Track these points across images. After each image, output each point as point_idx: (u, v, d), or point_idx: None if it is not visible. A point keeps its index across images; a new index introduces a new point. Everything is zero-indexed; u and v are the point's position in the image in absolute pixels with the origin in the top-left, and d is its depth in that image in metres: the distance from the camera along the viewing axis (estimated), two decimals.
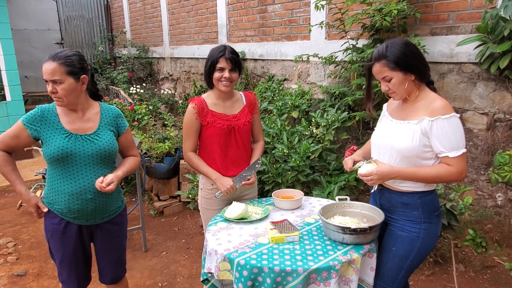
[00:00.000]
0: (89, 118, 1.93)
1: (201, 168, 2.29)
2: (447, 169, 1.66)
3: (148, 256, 3.44)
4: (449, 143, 1.64)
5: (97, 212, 1.96)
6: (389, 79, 1.70)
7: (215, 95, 2.30)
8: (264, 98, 4.50)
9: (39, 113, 1.86)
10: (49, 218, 1.94)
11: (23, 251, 3.55)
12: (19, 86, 5.98)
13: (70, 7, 9.58)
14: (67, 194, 1.87)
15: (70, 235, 1.94)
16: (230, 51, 2.20)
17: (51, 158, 1.84)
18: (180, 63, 7.35)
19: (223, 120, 2.26)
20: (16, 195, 4.89)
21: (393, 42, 1.70)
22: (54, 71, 1.78)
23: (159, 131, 5.05)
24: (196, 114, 2.24)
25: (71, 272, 2.00)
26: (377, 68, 1.72)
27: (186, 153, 2.33)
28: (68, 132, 1.86)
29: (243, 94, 2.40)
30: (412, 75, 1.70)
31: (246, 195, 2.44)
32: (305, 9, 4.47)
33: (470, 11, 3.06)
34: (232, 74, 2.20)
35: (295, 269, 1.60)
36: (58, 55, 1.79)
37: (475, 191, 3.25)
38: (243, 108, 2.34)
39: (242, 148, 2.33)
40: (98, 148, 1.89)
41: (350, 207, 2.02)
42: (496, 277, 2.88)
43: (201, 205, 2.43)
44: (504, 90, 2.98)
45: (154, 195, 4.51)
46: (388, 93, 1.78)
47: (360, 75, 3.63)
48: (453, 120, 1.64)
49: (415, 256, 1.77)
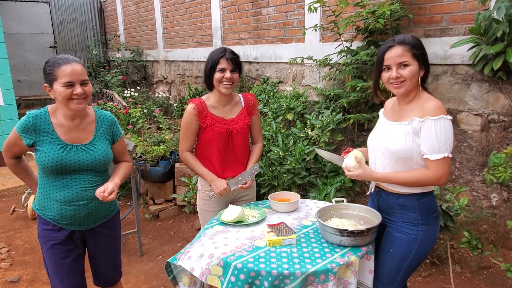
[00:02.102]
0: (85, 127, 1.90)
1: (197, 169, 2.29)
2: (424, 173, 1.66)
3: (144, 261, 3.41)
4: (431, 145, 1.62)
5: (90, 217, 1.94)
6: (408, 65, 1.66)
7: (214, 98, 2.29)
8: (259, 101, 4.50)
9: (30, 122, 1.79)
10: (41, 224, 1.92)
11: (17, 257, 3.50)
12: (12, 90, 5.92)
13: (63, 10, 9.53)
14: (59, 202, 1.85)
15: (61, 242, 1.91)
16: (230, 52, 2.21)
17: (44, 168, 1.81)
18: (175, 66, 7.34)
19: (221, 123, 2.25)
20: (9, 200, 4.84)
21: (414, 35, 1.72)
22: (83, 71, 1.80)
23: (154, 134, 5.03)
24: (196, 115, 2.23)
25: (63, 285, 1.96)
26: (399, 51, 1.67)
27: (182, 153, 2.32)
28: (63, 143, 1.83)
29: (242, 96, 2.39)
30: (422, 71, 1.71)
31: (243, 196, 2.43)
32: (299, 11, 4.48)
33: (463, 13, 3.09)
34: (233, 74, 2.20)
35: (293, 272, 1.59)
36: (76, 59, 1.82)
37: (470, 192, 3.27)
38: (241, 111, 2.33)
39: (239, 151, 2.33)
40: (94, 158, 1.87)
41: (347, 209, 2.02)
42: (492, 277, 2.89)
43: (199, 207, 2.43)
44: (497, 91, 3.00)
45: (149, 198, 4.48)
46: (395, 84, 1.71)
47: (354, 77, 3.64)
48: (441, 122, 1.61)
49: (413, 258, 1.77)
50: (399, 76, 1.68)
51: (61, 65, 1.74)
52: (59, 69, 1.74)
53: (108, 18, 9.78)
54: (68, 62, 1.76)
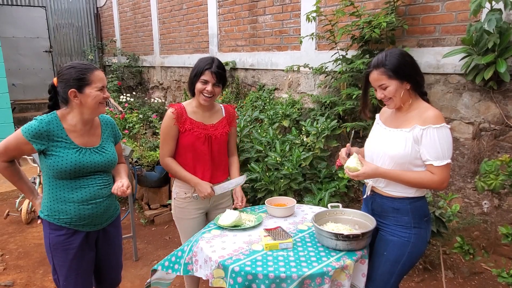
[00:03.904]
0: (94, 132, 1.99)
1: (180, 174, 2.27)
2: (431, 176, 1.71)
3: (139, 265, 3.41)
4: (435, 152, 1.69)
5: (104, 216, 2.01)
6: (386, 87, 1.76)
7: (195, 104, 2.30)
8: (255, 107, 4.54)
9: (44, 127, 1.80)
10: (53, 231, 1.91)
11: (11, 261, 3.48)
12: (7, 94, 5.92)
13: (59, 15, 9.54)
14: (76, 202, 1.89)
15: (76, 245, 1.93)
16: (217, 65, 2.18)
17: (61, 172, 1.83)
18: (171, 72, 7.37)
19: (200, 128, 2.26)
20: (3, 204, 4.81)
21: (392, 52, 1.76)
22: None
23: (149, 139, 5.04)
24: (175, 119, 2.24)
25: (77, 286, 1.98)
26: (375, 75, 1.77)
27: (163, 159, 2.30)
28: (78, 147, 1.88)
29: (223, 106, 2.42)
30: (408, 84, 1.76)
31: (221, 203, 2.45)
32: (295, 20, 4.55)
33: (455, 24, 3.17)
34: (215, 88, 2.20)
35: (290, 275, 1.63)
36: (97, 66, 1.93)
37: (462, 199, 3.32)
38: (221, 119, 2.35)
39: (217, 157, 2.34)
40: (107, 160, 1.96)
41: (342, 214, 2.05)
42: (483, 283, 2.94)
43: (175, 215, 2.42)
44: (488, 100, 3.07)
45: (145, 203, 4.49)
46: (384, 101, 1.83)
47: (350, 85, 3.70)
48: (443, 131, 1.70)
49: (406, 261, 1.81)
50: (383, 96, 1.80)
51: (93, 71, 1.85)
52: (93, 74, 1.83)
53: (105, 23, 9.81)
54: (97, 69, 1.88)
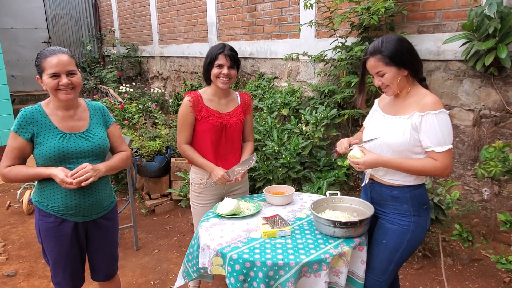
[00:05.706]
0: (80, 116, 1.94)
1: (196, 160, 2.32)
2: (433, 163, 1.69)
3: (140, 255, 3.43)
4: (436, 138, 1.67)
5: (93, 207, 1.97)
6: (383, 74, 1.73)
7: (211, 92, 2.34)
8: (254, 96, 4.52)
9: (27, 115, 1.82)
10: (43, 217, 1.92)
11: (13, 251, 3.51)
12: (6, 86, 5.89)
13: (58, 5, 9.47)
14: (63, 191, 1.87)
15: (66, 233, 1.92)
16: (229, 49, 2.26)
17: (46, 159, 1.82)
18: (170, 62, 7.33)
19: (216, 116, 2.30)
20: (5, 195, 4.84)
21: (388, 38, 1.73)
22: (70, 62, 1.81)
23: (149, 129, 5.04)
24: (191, 107, 2.28)
25: (65, 272, 1.98)
26: (372, 62, 1.74)
27: (180, 145, 2.36)
28: (62, 132, 1.86)
29: (238, 94, 2.45)
30: (405, 70, 1.73)
31: (236, 189, 2.46)
32: (294, 7, 4.50)
33: (456, 9, 3.13)
34: (231, 71, 2.25)
35: (287, 262, 1.63)
36: (63, 49, 1.83)
37: (462, 186, 3.32)
38: (236, 107, 2.38)
39: (231, 145, 2.38)
40: (93, 145, 1.91)
41: (341, 201, 2.05)
42: (483, 269, 2.95)
43: (191, 200, 2.48)
44: (489, 86, 3.05)
45: (145, 193, 4.50)
46: (381, 88, 1.81)
47: (349, 73, 3.67)
48: (442, 116, 1.67)
49: (405, 249, 1.81)
50: (380, 83, 1.77)
51: (47, 57, 1.78)
52: (45, 61, 1.78)
53: (103, 13, 9.73)
54: (54, 54, 1.79)
